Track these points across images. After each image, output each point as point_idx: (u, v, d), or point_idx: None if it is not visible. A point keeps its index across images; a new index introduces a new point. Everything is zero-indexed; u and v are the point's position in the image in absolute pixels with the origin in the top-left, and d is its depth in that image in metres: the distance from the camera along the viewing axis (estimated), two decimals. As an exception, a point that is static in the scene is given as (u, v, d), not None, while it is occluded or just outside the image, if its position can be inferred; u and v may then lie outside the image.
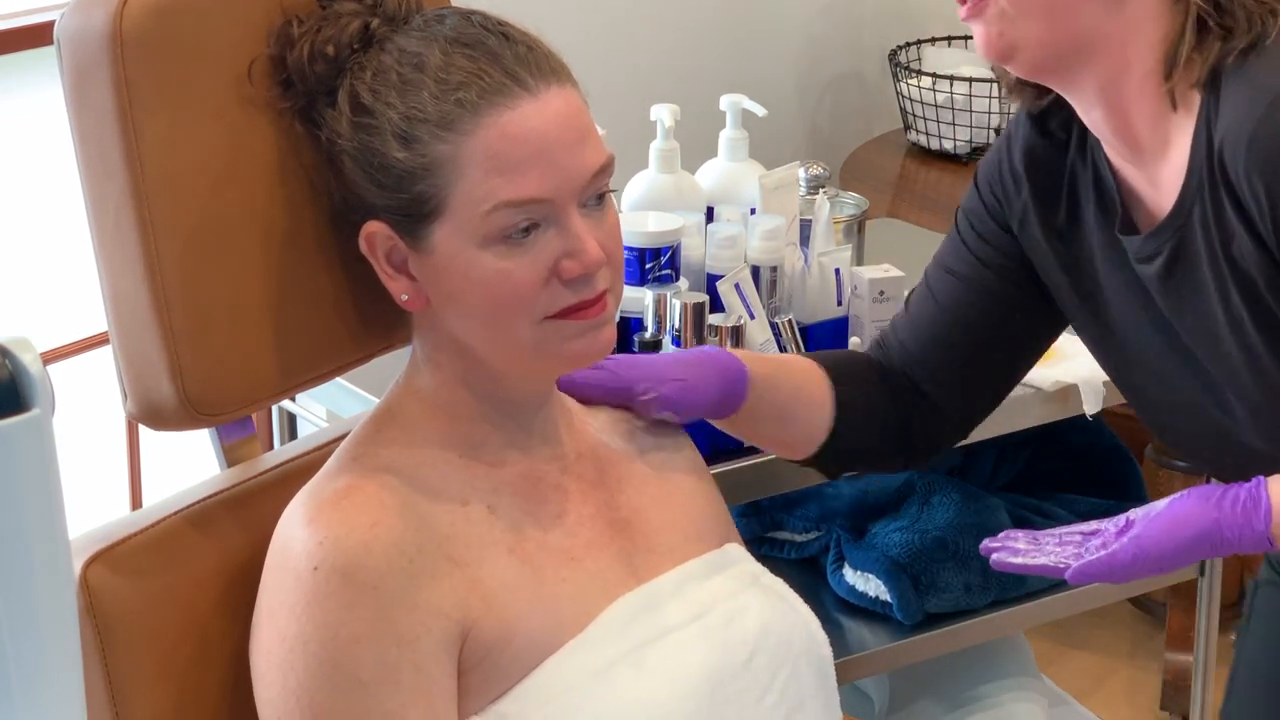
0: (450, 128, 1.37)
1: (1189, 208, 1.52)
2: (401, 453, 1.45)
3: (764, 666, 1.49)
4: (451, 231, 1.39)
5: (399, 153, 1.38)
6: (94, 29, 1.39)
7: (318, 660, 1.36)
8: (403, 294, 1.43)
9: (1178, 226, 1.53)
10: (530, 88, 1.38)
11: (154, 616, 1.44)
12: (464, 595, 1.39)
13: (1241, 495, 1.48)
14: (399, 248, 1.42)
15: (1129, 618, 3.25)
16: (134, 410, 1.47)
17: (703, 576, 1.52)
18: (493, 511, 1.45)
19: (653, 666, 1.43)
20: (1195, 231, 1.52)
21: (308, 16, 1.45)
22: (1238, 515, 1.47)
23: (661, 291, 2.05)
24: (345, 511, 1.38)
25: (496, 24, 1.41)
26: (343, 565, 1.36)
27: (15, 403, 0.97)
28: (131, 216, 1.41)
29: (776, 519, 2.31)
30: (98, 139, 1.41)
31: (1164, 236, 1.54)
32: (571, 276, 1.39)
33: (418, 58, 1.39)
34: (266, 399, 1.51)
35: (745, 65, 2.88)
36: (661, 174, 2.34)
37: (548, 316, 1.40)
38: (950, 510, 2.23)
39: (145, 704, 1.43)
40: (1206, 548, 1.49)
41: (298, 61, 1.43)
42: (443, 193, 1.38)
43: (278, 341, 1.48)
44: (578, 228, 1.39)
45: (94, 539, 1.44)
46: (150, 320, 1.42)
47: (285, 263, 1.47)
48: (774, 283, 2.19)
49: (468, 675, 1.39)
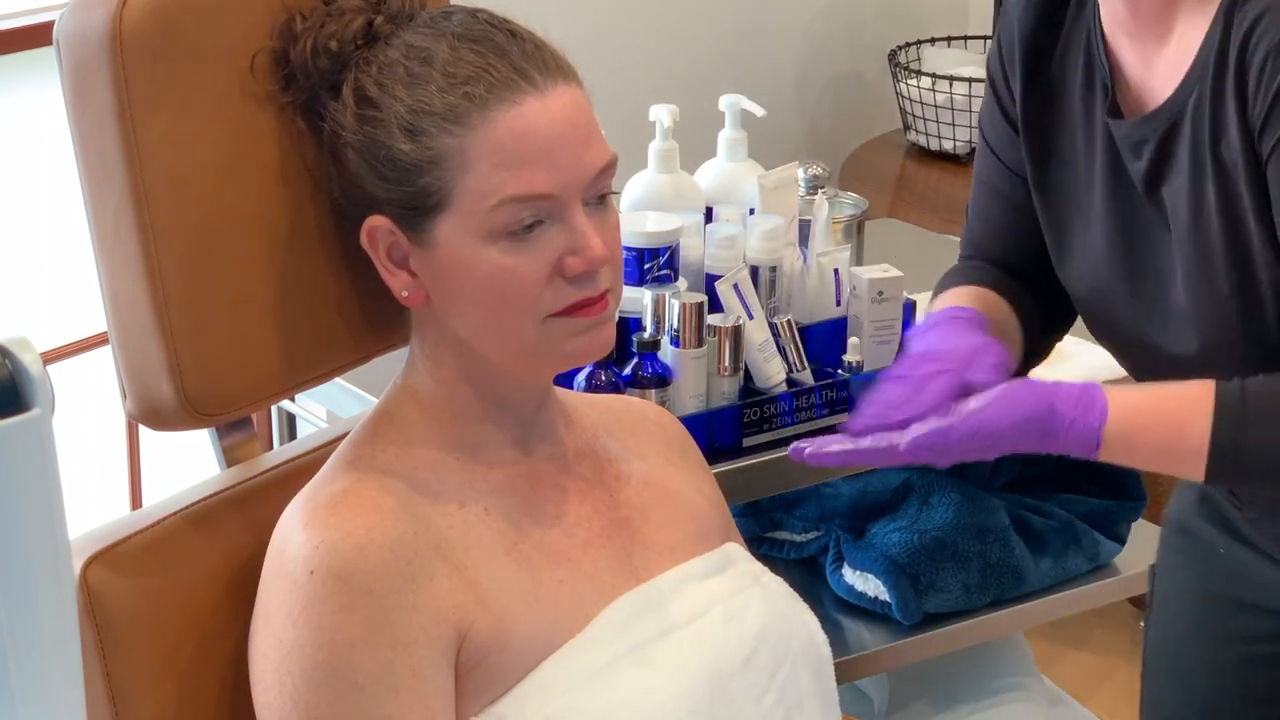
0: (458, 121, 1.37)
1: (1189, 94, 1.50)
2: (399, 455, 1.45)
3: (763, 666, 1.49)
4: (455, 226, 1.39)
5: (404, 145, 1.38)
6: (93, 29, 1.39)
7: (314, 664, 1.36)
8: (403, 290, 1.43)
9: (1174, 113, 1.51)
10: (538, 84, 1.38)
11: (154, 616, 1.44)
12: (461, 597, 1.39)
13: (1076, 390, 1.46)
14: (400, 243, 1.42)
15: (1129, 618, 3.25)
16: (134, 410, 1.47)
17: (702, 576, 1.52)
18: (490, 512, 1.45)
19: (652, 666, 1.43)
20: (1187, 120, 1.51)
21: (311, 12, 1.45)
22: (1071, 404, 1.45)
23: (660, 292, 2.05)
24: (341, 515, 1.39)
25: (503, 21, 1.42)
26: (339, 569, 1.36)
27: (15, 403, 0.97)
28: (131, 217, 1.41)
29: (776, 519, 2.31)
30: (97, 139, 1.41)
31: (1159, 121, 1.53)
32: (575, 273, 1.39)
33: (425, 52, 1.39)
34: (266, 399, 1.51)
35: (745, 65, 2.88)
36: (660, 174, 2.34)
37: (551, 315, 1.40)
38: (949, 510, 2.23)
39: (145, 704, 1.43)
40: (1037, 432, 1.45)
41: (300, 56, 1.43)
42: (448, 186, 1.38)
43: (277, 341, 1.48)
44: (582, 225, 1.39)
45: (94, 539, 1.44)
46: (150, 320, 1.42)
47: (285, 263, 1.47)
48: (773, 283, 2.19)
49: (466, 677, 1.39)
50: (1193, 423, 1.44)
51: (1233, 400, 1.44)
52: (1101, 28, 1.59)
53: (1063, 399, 1.45)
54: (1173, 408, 1.47)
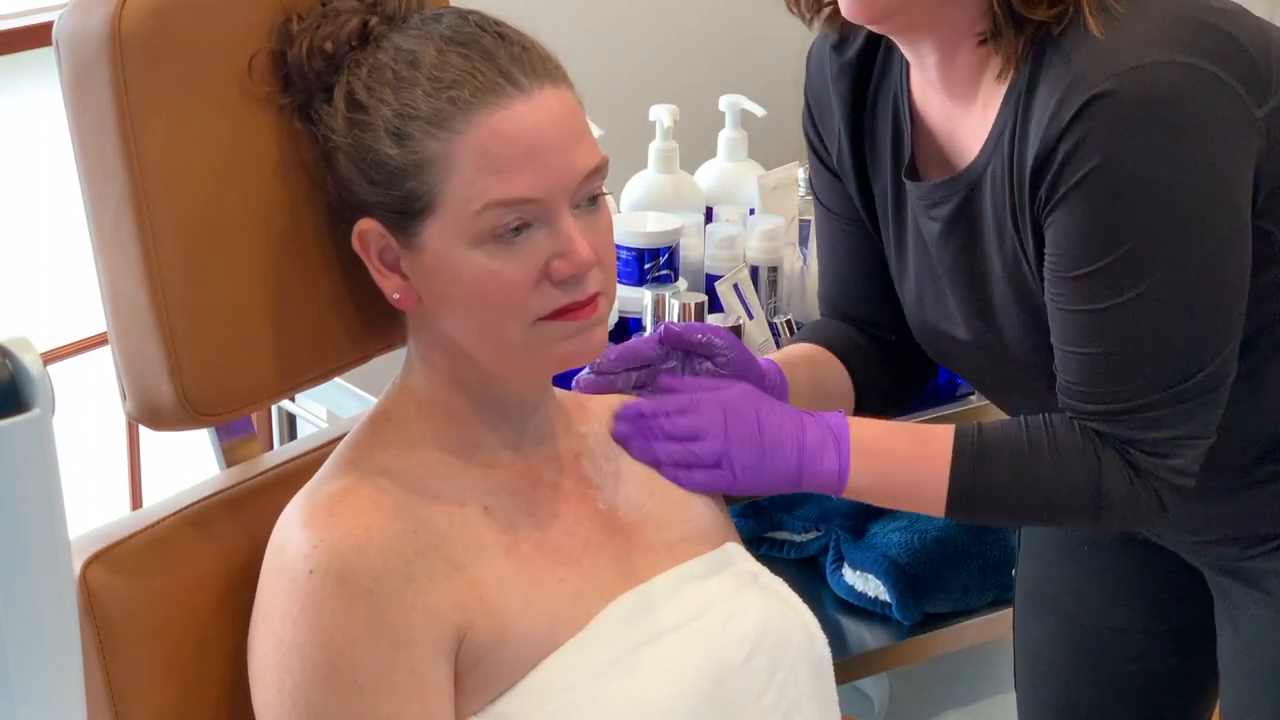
0: (442, 125, 1.37)
1: (985, 163, 1.57)
2: (397, 455, 1.45)
3: (762, 666, 1.49)
4: (442, 230, 1.39)
5: (391, 149, 1.38)
6: (93, 29, 1.39)
7: (314, 664, 1.36)
8: (394, 292, 1.43)
9: (972, 180, 1.59)
10: (524, 87, 1.38)
11: (154, 616, 1.44)
12: (461, 597, 1.39)
13: (821, 427, 1.58)
14: (391, 246, 1.42)
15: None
16: (133, 410, 1.47)
17: (701, 576, 1.52)
18: (489, 512, 1.45)
19: (651, 666, 1.43)
20: (986, 187, 1.57)
21: (308, 13, 1.45)
22: (817, 439, 1.57)
23: (660, 292, 2.05)
24: (340, 515, 1.39)
25: (493, 24, 1.42)
26: (338, 568, 1.36)
27: (15, 403, 0.97)
28: (131, 217, 1.41)
29: (776, 519, 2.32)
30: (97, 140, 1.41)
31: (956, 186, 1.60)
32: (562, 277, 1.39)
33: (412, 55, 1.39)
34: (266, 399, 1.51)
35: (745, 65, 2.88)
36: (660, 174, 2.35)
37: (540, 318, 1.40)
38: (949, 510, 2.23)
39: (145, 704, 1.43)
40: (787, 474, 1.57)
41: (296, 58, 1.43)
42: (434, 190, 1.38)
43: (277, 341, 1.48)
44: (568, 228, 1.39)
45: (94, 539, 1.44)
46: (149, 320, 1.42)
47: (285, 263, 1.47)
48: (773, 283, 2.19)
49: (465, 676, 1.40)
50: (934, 467, 1.58)
51: (969, 446, 1.58)
52: (910, 87, 1.65)
53: (810, 433, 1.57)
54: (915, 450, 1.59)
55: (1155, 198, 1.48)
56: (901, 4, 1.54)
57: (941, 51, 1.59)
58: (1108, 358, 1.53)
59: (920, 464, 1.59)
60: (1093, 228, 1.49)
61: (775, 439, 1.56)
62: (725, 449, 1.56)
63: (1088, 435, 1.56)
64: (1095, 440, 1.56)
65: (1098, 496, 1.56)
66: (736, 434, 1.56)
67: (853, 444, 1.57)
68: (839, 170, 1.75)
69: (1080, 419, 1.56)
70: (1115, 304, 1.50)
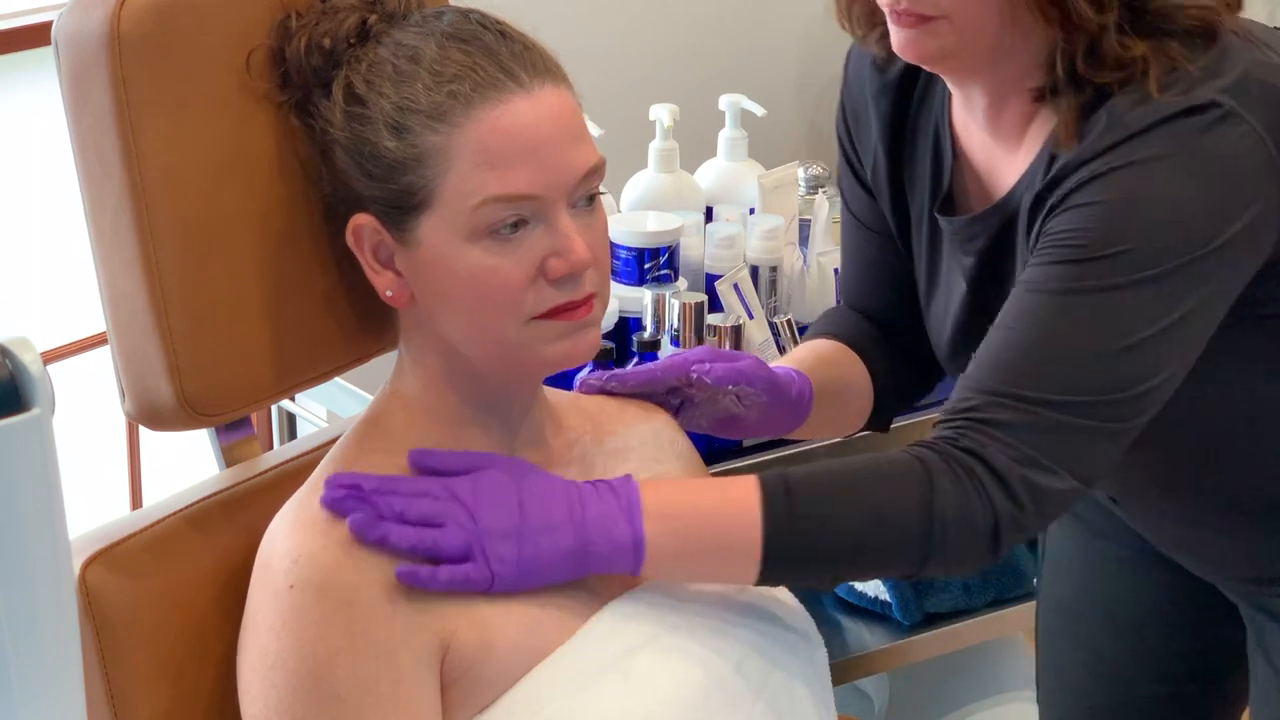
0: (442, 119, 1.37)
1: (1019, 196, 1.56)
2: (384, 462, 1.44)
3: (756, 670, 1.47)
4: (439, 224, 1.38)
5: (390, 142, 1.38)
6: (92, 29, 1.39)
7: (298, 677, 1.35)
8: (387, 289, 1.43)
9: (1006, 212, 1.58)
10: (524, 84, 1.38)
11: (153, 616, 1.44)
12: (443, 607, 1.38)
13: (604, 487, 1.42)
14: (386, 242, 1.41)
15: (1128, 617, 3.24)
16: (132, 410, 1.47)
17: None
18: (475, 520, 1.44)
19: (641, 674, 1.41)
20: (1019, 219, 1.56)
21: (307, 10, 1.45)
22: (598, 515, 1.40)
23: (660, 291, 2.05)
24: (321, 526, 1.38)
25: (494, 22, 1.42)
26: (318, 581, 1.35)
27: (15, 403, 0.97)
28: (130, 217, 1.41)
29: (776, 519, 2.31)
30: (96, 139, 1.41)
31: (990, 220, 1.59)
32: (557, 275, 1.39)
33: (413, 50, 1.39)
34: (265, 399, 1.51)
35: (745, 65, 2.88)
36: (660, 174, 2.35)
37: (534, 317, 1.40)
38: (949, 510, 2.23)
39: (144, 704, 1.43)
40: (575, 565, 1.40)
41: (295, 54, 1.43)
42: (432, 184, 1.38)
43: (276, 341, 1.48)
44: (566, 227, 1.39)
45: (94, 539, 1.44)
46: (148, 320, 1.42)
47: (284, 262, 1.47)
48: (773, 282, 2.19)
49: (452, 688, 1.38)
50: (743, 512, 1.42)
51: (778, 485, 1.43)
52: (951, 116, 1.64)
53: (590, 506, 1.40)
54: (719, 496, 1.44)
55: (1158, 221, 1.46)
56: (954, 50, 1.52)
57: (991, 98, 1.58)
58: (1031, 341, 1.48)
59: (727, 510, 1.42)
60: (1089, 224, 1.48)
61: (542, 522, 1.38)
62: (474, 539, 1.37)
63: (917, 450, 1.47)
64: (925, 452, 1.46)
65: (929, 494, 1.44)
66: (489, 520, 1.38)
67: (645, 506, 1.40)
68: (872, 186, 1.74)
69: (945, 421, 1.48)
70: (1069, 288, 1.47)
